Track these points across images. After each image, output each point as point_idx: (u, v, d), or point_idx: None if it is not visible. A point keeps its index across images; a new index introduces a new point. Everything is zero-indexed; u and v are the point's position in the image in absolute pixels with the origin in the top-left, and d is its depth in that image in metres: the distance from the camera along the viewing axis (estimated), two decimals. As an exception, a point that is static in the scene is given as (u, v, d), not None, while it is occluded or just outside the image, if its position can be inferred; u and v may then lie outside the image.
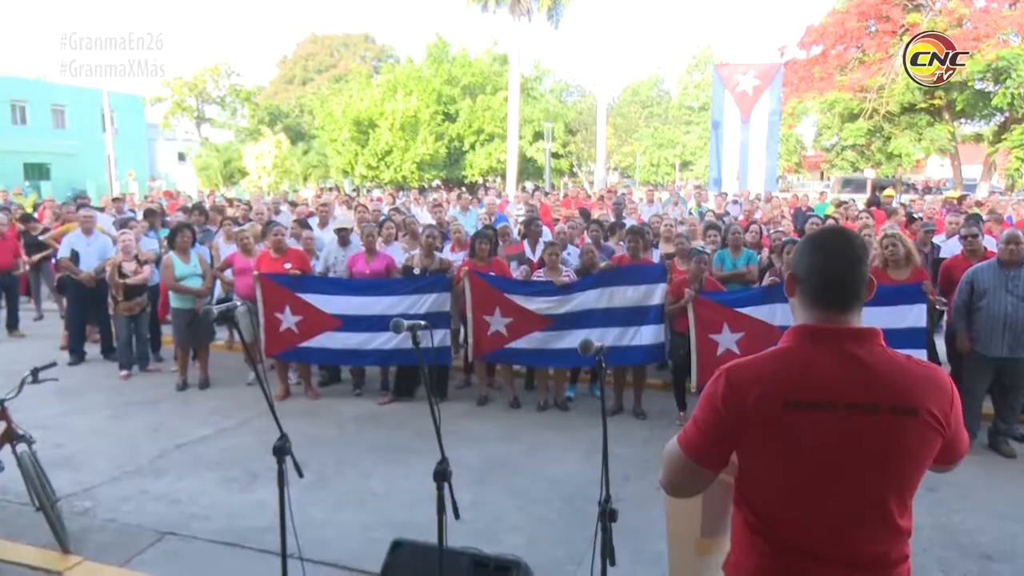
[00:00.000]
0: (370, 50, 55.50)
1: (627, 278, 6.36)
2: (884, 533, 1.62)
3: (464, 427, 6.33)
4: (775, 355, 1.68)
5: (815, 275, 1.70)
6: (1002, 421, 5.78)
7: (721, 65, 25.59)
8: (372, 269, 7.01)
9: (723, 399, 1.64)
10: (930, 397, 1.59)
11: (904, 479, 1.62)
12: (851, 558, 1.61)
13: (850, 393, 1.58)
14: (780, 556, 1.65)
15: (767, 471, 1.65)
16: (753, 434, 1.63)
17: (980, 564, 4.05)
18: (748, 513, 1.71)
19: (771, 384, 1.61)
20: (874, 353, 1.63)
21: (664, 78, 44.71)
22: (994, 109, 26.55)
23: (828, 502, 1.61)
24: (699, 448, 1.70)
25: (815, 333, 1.67)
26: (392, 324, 2.58)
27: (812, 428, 1.58)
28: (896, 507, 1.61)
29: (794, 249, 1.80)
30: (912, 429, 1.58)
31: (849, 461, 1.58)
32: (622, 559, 3.53)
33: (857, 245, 1.71)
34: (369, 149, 30.34)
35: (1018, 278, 5.51)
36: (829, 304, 1.67)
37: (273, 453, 3.05)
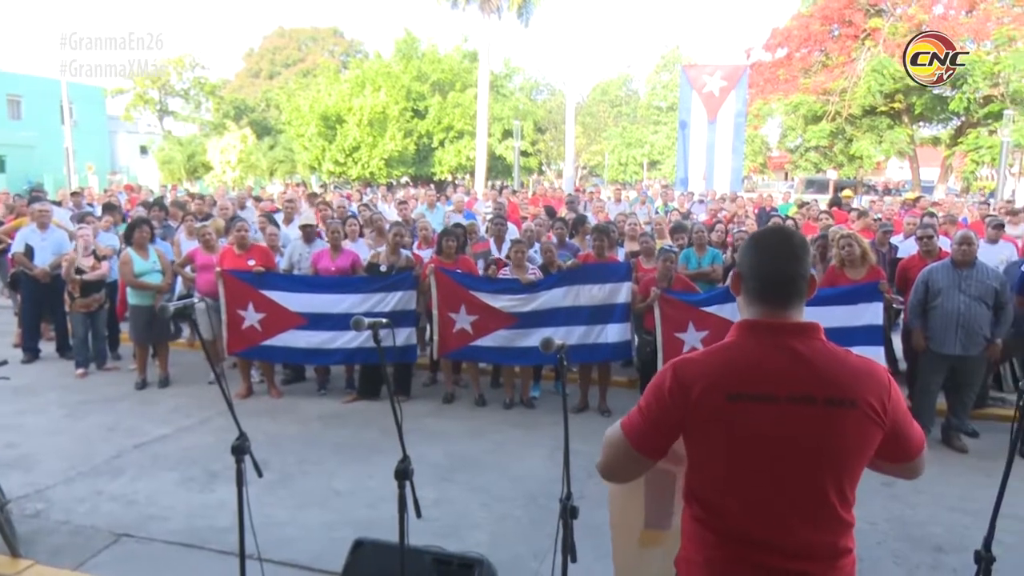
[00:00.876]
0: (339, 45, 54.96)
1: (592, 276, 6.40)
2: (827, 524, 1.65)
3: (429, 425, 6.31)
4: (720, 349, 1.72)
5: (757, 273, 1.74)
6: (954, 417, 5.94)
7: (689, 66, 25.88)
8: (337, 266, 6.95)
9: (669, 391, 1.67)
10: (867, 389, 1.63)
11: (843, 471, 1.64)
12: (796, 548, 1.64)
13: (790, 386, 1.62)
14: (727, 547, 1.68)
15: (712, 463, 1.69)
16: (698, 426, 1.66)
17: (932, 556, 4.16)
18: (696, 506, 1.74)
19: (715, 377, 1.65)
20: (813, 347, 1.67)
21: (633, 78, 45.19)
22: (951, 113, 27.28)
23: (771, 493, 1.64)
24: (642, 436, 1.73)
25: (757, 328, 1.71)
26: (353, 322, 2.56)
27: (754, 420, 1.62)
28: (837, 498, 1.65)
29: (739, 248, 1.83)
30: (849, 420, 1.61)
31: (789, 452, 1.62)
32: (584, 555, 3.55)
33: (796, 244, 1.75)
34: (337, 145, 30.06)
35: (971, 278, 5.65)
36: (770, 300, 1.72)
37: (232, 452, 3.00)
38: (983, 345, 5.65)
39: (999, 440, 5.85)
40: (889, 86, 26.17)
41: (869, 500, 4.79)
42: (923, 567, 4.04)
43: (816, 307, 5.88)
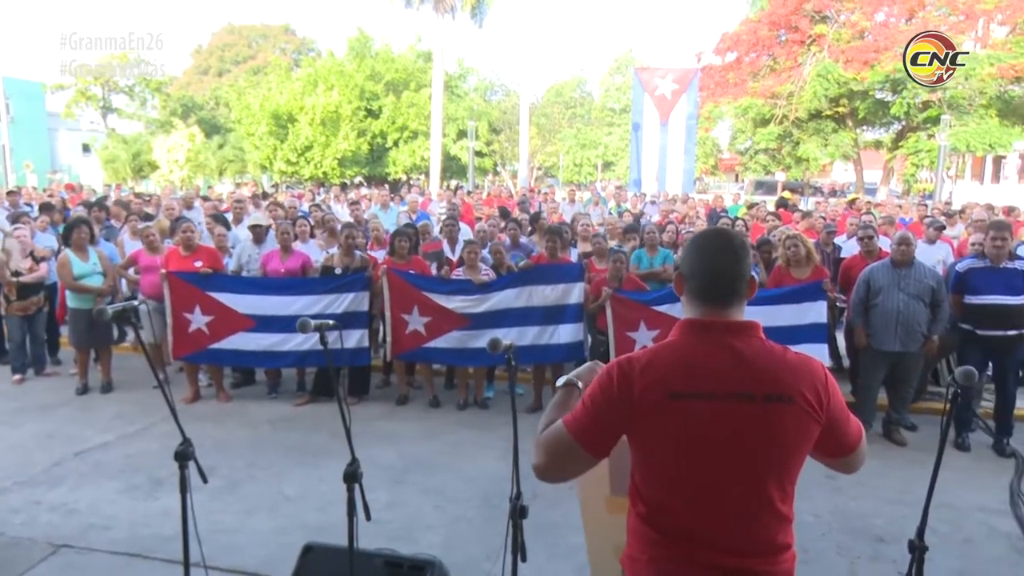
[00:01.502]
0: (290, 42, 54.10)
1: (545, 277, 6.42)
2: (767, 519, 1.68)
3: (382, 427, 6.26)
4: (663, 348, 1.74)
5: (698, 273, 1.77)
6: (894, 411, 6.13)
7: (641, 69, 26.21)
8: (287, 267, 6.83)
9: (616, 389, 1.68)
10: (804, 384, 1.67)
11: (782, 466, 1.68)
12: (737, 545, 1.67)
13: (730, 383, 1.65)
14: (669, 544, 1.70)
15: (656, 461, 1.71)
16: (641, 425, 1.68)
17: (873, 546, 4.29)
18: (640, 504, 1.76)
19: (658, 376, 1.66)
20: (753, 345, 1.70)
21: (587, 80, 45.48)
22: (892, 118, 28.20)
23: (713, 490, 1.66)
24: (586, 431, 1.72)
25: (699, 327, 1.74)
26: (299, 324, 2.52)
27: (696, 418, 1.64)
28: (777, 494, 1.68)
29: (681, 249, 1.86)
30: (787, 416, 1.64)
31: (730, 450, 1.64)
32: (537, 554, 3.57)
33: (736, 245, 1.78)
34: (288, 144, 29.57)
35: (909, 277, 5.84)
36: (711, 300, 1.74)
37: (175, 458, 2.93)
38: (921, 342, 5.84)
39: (937, 433, 6.06)
40: (834, 91, 26.92)
41: (813, 493, 4.93)
42: (864, 558, 4.16)
43: (764, 306, 6.03)
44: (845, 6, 27.24)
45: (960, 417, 6.01)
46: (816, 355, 6.21)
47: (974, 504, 4.88)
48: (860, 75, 26.00)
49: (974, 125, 25.34)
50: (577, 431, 1.73)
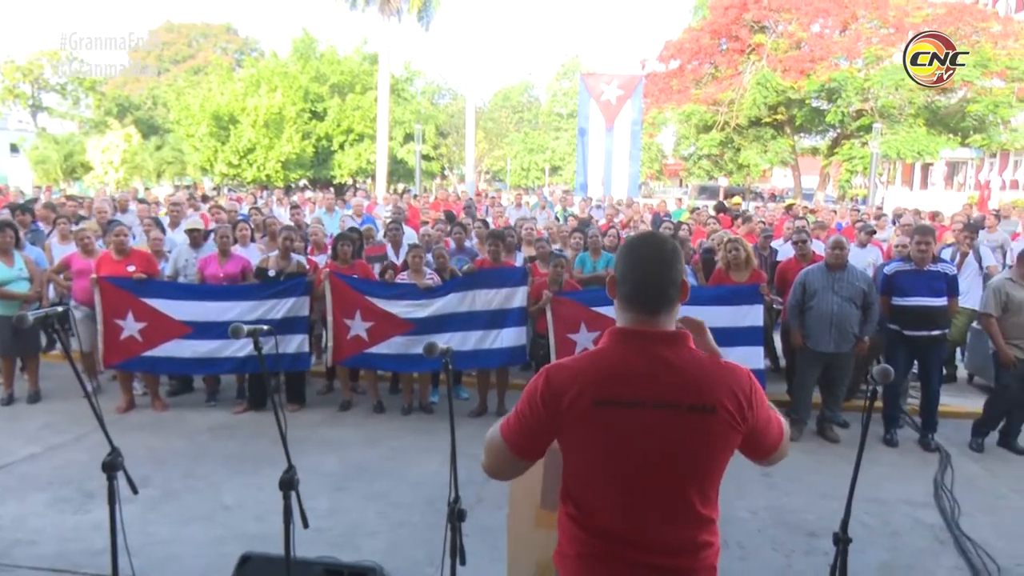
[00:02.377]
0: (232, 42, 52.94)
1: (489, 281, 6.43)
2: (688, 521, 1.73)
3: (325, 433, 6.18)
4: (591, 356, 1.76)
5: (628, 279, 1.78)
6: (828, 409, 6.33)
7: (587, 75, 26.50)
8: (226, 272, 6.67)
9: (541, 396, 1.71)
10: (727, 395, 1.69)
11: (703, 473, 1.72)
12: (659, 545, 1.72)
13: (655, 393, 1.67)
14: (596, 543, 1.74)
15: (583, 465, 1.75)
16: (569, 431, 1.71)
17: (806, 541, 4.42)
18: (570, 505, 1.80)
19: (585, 384, 1.68)
20: (680, 355, 1.71)
21: (534, 84, 45.82)
22: (828, 125, 29.18)
23: (636, 494, 1.71)
24: (517, 438, 1.77)
25: (628, 336, 1.75)
26: (231, 330, 2.46)
27: (621, 425, 1.67)
28: (698, 498, 1.72)
29: (615, 255, 1.89)
30: (709, 426, 1.68)
31: (654, 456, 1.68)
32: (480, 557, 3.57)
33: (667, 251, 1.79)
34: (230, 146, 28.92)
35: (842, 280, 6.04)
36: (641, 307, 1.75)
37: (102, 469, 2.84)
38: (853, 342, 6.05)
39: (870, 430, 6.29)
40: (772, 99, 27.72)
41: (749, 490, 5.06)
42: (798, 552, 4.29)
43: (702, 307, 6.16)
44: (783, 17, 28.08)
45: (888, 414, 6.26)
46: (753, 356, 6.42)
47: (900, 497, 5.08)
48: (797, 84, 26.86)
49: (904, 134, 26.40)
50: (509, 437, 1.78)
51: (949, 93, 26.66)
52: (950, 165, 38.20)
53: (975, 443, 6.09)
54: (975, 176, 34.56)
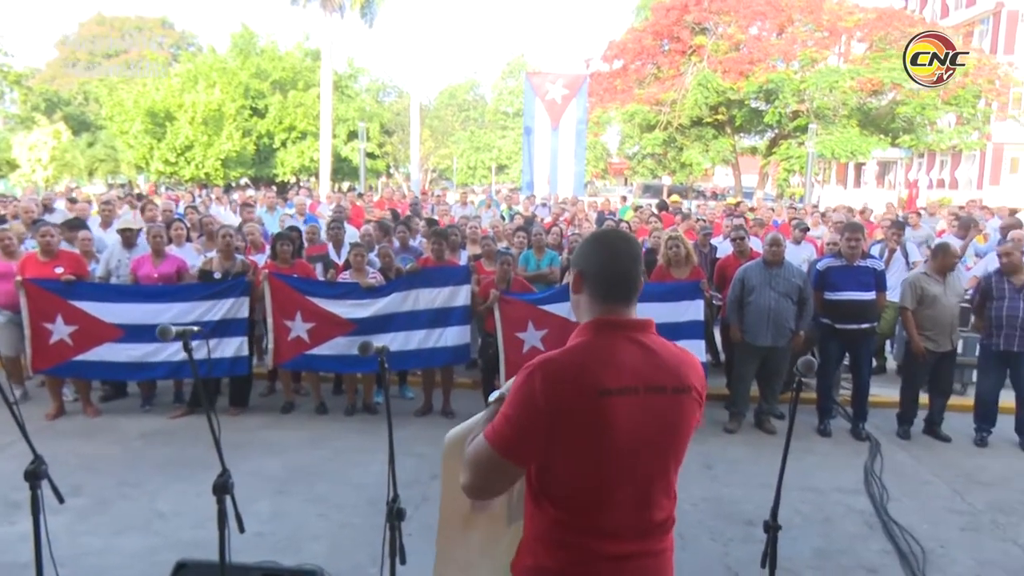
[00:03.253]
0: (167, 36, 51.38)
1: (432, 280, 6.40)
2: (664, 500, 1.80)
3: (267, 436, 6.07)
4: (580, 348, 1.76)
5: (604, 273, 1.82)
6: (765, 402, 6.52)
7: (532, 73, 26.60)
8: (161, 273, 6.47)
9: (541, 392, 1.66)
10: (694, 376, 1.81)
11: (679, 451, 1.82)
12: (640, 528, 1.76)
13: (646, 377, 1.73)
14: (581, 543, 1.73)
15: (581, 459, 1.70)
16: (569, 425, 1.67)
17: (743, 529, 4.54)
18: (551, 509, 1.74)
19: (584, 374, 1.68)
20: (654, 341, 1.80)
21: (480, 83, 45.73)
22: (766, 125, 29.95)
23: (631, 480, 1.74)
24: (510, 443, 1.69)
25: (609, 326, 1.79)
26: (159, 331, 2.39)
27: (621, 412, 1.69)
28: (674, 476, 1.82)
29: (578, 249, 1.91)
30: (686, 406, 1.78)
31: (648, 439, 1.73)
32: (423, 556, 3.56)
33: (635, 245, 1.90)
34: (167, 143, 28.07)
35: (779, 276, 6.22)
36: (616, 299, 1.81)
37: (25, 478, 2.73)
38: (789, 336, 6.24)
39: (803, 421, 6.50)
40: (713, 99, 28.32)
41: (690, 482, 5.17)
42: (735, 540, 4.40)
43: (645, 303, 6.24)
44: (722, 19, 28.71)
45: (822, 405, 6.47)
46: (693, 350, 6.52)
47: (833, 485, 5.26)
48: (736, 85, 27.50)
49: (838, 134, 27.29)
50: (498, 442, 1.69)
51: (880, 95, 27.69)
52: (881, 165, 39.70)
53: (902, 431, 6.35)
54: (905, 175, 36.00)
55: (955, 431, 6.32)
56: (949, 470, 5.63)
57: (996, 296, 6.02)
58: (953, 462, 5.80)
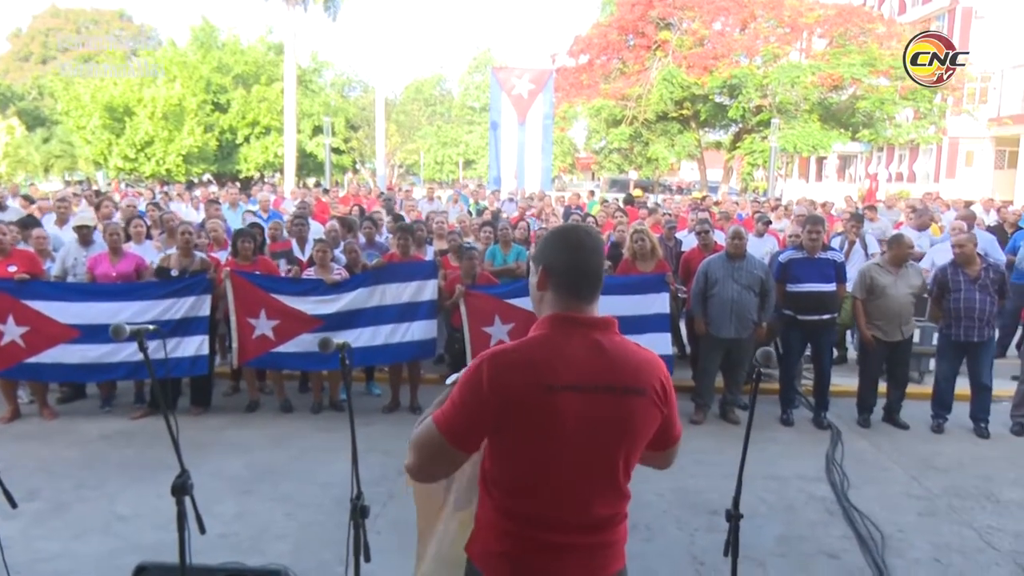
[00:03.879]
0: (126, 29, 50.17)
1: (398, 275, 6.35)
2: (612, 498, 1.81)
3: (231, 436, 5.98)
4: (533, 342, 1.78)
5: (570, 269, 1.82)
6: (729, 393, 6.60)
7: (498, 68, 26.58)
8: (119, 271, 6.33)
9: (488, 382, 1.69)
10: (653, 378, 1.81)
11: (631, 451, 1.81)
12: (588, 522, 1.78)
13: (596, 376, 1.74)
14: (525, 532, 1.77)
15: (525, 452, 1.75)
16: (515, 417, 1.71)
17: (707, 519, 4.60)
18: (499, 496, 1.79)
19: (534, 369, 1.71)
20: (613, 341, 1.80)
21: (446, 78, 45.59)
22: (730, 120, 30.29)
23: (576, 475, 1.75)
24: (457, 430, 1.74)
25: (567, 321, 1.80)
26: (112, 330, 2.33)
27: (568, 409, 1.70)
28: (623, 475, 1.81)
29: (541, 243, 1.91)
30: (641, 407, 1.78)
31: (594, 437, 1.74)
32: (391, 553, 3.54)
33: (598, 240, 1.90)
34: (126, 139, 27.47)
35: (742, 269, 6.30)
36: (578, 294, 1.82)
37: (-26, 484, 2.65)
38: (752, 328, 6.33)
39: (767, 411, 6.61)
40: (678, 94, 28.54)
41: (656, 475, 5.15)
42: (701, 530, 4.46)
43: (610, 296, 6.29)
44: (686, 14, 28.95)
45: (784, 396, 6.58)
46: (660, 343, 6.60)
47: (796, 473, 5.36)
48: (701, 80, 27.75)
49: (800, 128, 27.72)
50: (446, 427, 1.74)
51: (840, 90, 28.18)
52: (842, 159, 40.47)
53: (862, 419, 6.48)
54: (865, 169, 36.74)
55: (913, 418, 6.47)
56: (907, 457, 5.76)
57: (953, 288, 6.15)
58: (911, 449, 5.94)
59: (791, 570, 4.04)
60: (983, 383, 6.22)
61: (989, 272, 6.16)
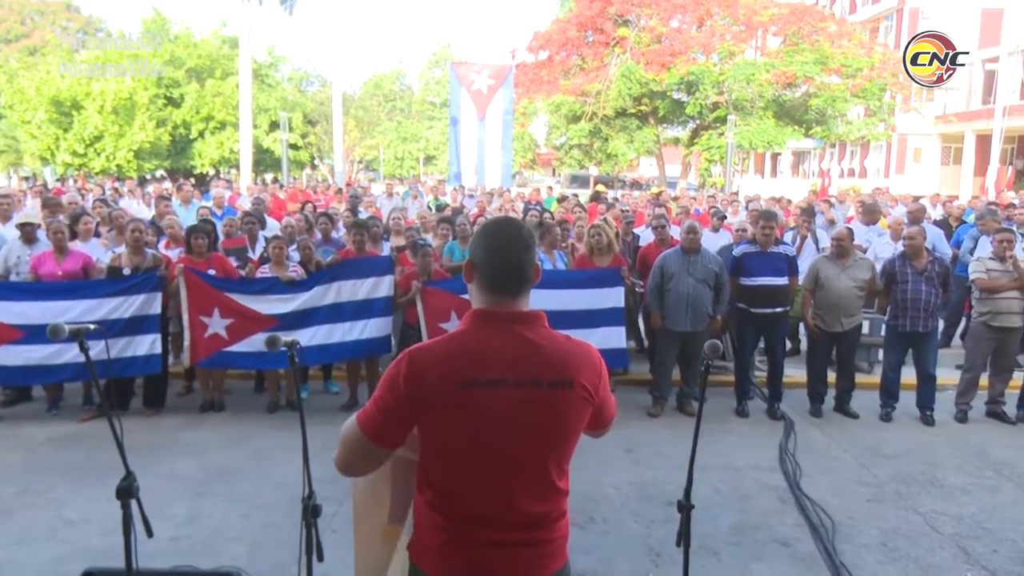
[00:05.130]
0: (73, 21, 48.63)
1: (354, 272, 6.29)
2: (545, 494, 1.79)
3: (184, 437, 5.86)
4: (453, 338, 1.78)
5: (491, 262, 1.81)
6: (686, 385, 6.69)
7: (457, 64, 26.50)
8: (65, 270, 6.13)
9: (404, 379, 1.69)
10: (583, 372, 1.79)
11: (562, 447, 1.80)
12: (517, 520, 1.76)
13: (518, 371, 1.72)
14: (456, 528, 1.76)
15: (447, 448, 1.75)
16: (433, 413, 1.71)
17: (664, 510, 4.65)
18: (429, 492, 1.79)
19: (449, 365, 1.70)
20: (539, 334, 1.78)
21: (406, 73, 45.23)
22: (688, 116, 30.64)
23: (499, 472, 1.74)
24: (376, 426, 1.74)
25: (489, 317, 1.79)
26: (49, 330, 2.24)
27: (486, 405, 1.69)
28: (555, 471, 1.79)
29: (471, 239, 1.90)
30: (568, 401, 1.76)
31: (518, 434, 1.73)
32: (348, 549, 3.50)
33: (525, 234, 1.85)
34: (74, 134, 26.67)
35: (697, 263, 6.38)
36: (501, 289, 1.80)
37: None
38: (707, 321, 6.42)
39: (723, 404, 6.72)
40: (636, 90, 28.77)
41: (614, 467, 5.28)
42: (657, 521, 4.51)
43: (566, 289, 6.33)
44: (644, 12, 29.18)
45: (739, 387, 6.70)
46: (615, 336, 6.63)
47: (750, 464, 5.46)
48: (659, 76, 28.02)
49: (755, 125, 28.19)
50: (368, 426, 1.74)
51: (793, 88, 28.73)
52: (796, 155, 41.30)
53: (814, 409, 6.63)
54: (818, 164, 37.53)
55: (863, 408, 6.64)
56: (857, 445, 5.92)
57: (900, 280, 6.33)
58: (861, 437, 6.10)
59: (744, 558, 4.11)
60: (928, 372, 6.42)
61: (935, 265, 6.35)
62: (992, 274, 6.35)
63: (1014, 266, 6.25)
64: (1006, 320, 6.34)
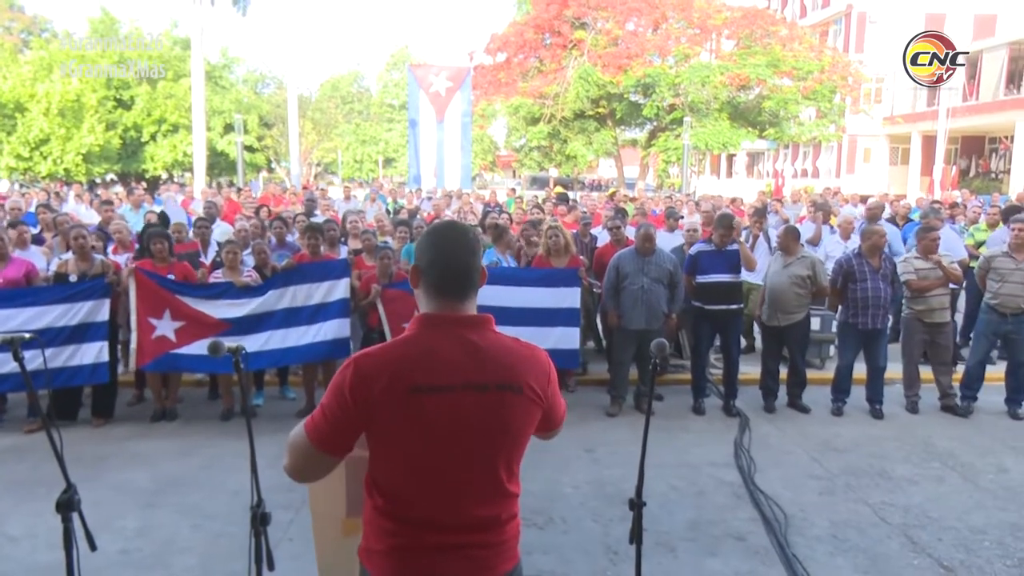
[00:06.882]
0: (17, 20, 47.08)
1: (309, 276, 6.21)
2: (494, 498, 1.79)
3: (134, 447, 5.72)
4: (400, 343, 1.77)
5: (436, 266, 1.80)
6: (643, 384, 6.75)
7: (415, 66, 26.36)
8: (7, 278, 5.92)
9: (349, 387, 1.68)
10: (531, 374, 1.79)
11: (511, 450, 1.80)
12: (466, 523, 1.76)
13: (465, 375, 1.72)
14: (404, 533, 1.75)
15: (394, 453, 1.74)
16: (380, 420, 1.70)
17: (622, 509, 4.61)
18: (378, 497, 1.78)
19: (396, 371, 1.69)
20: (487, 338, 1.78)
21: (364, 75, 44.86)
22: (645, 118, 31.00)
23: (448, 476, 1.74)
24: (323, 435, 1.73)
25: (436, 321, 1.78)
26: (-19, 339, 2.17)
27: (434, 410, 1.69)
28: (505, 474, 1.79)
29: (416, 242, 1.89)
30: (516, 404, 1.76)
31: (466, 437, 1.72)
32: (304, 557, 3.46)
33: (471, 238, 1.86)
34: (18, 137, 25.82)
35: (652, 263, 6.46)
36: (448, 293, 1.79)
37: None
38: (663, 319, 6.49)
39: (680, 401, 6.81)
40: (594, 92, 28.99)
41: (573, 467, 5.30)
42: (615, 520, 4.54)
43: (524, 288, 6.35)
44: (600, 14, 29.43)
45: (696, 385, 6.79)
46: (570, 336, 6.67)
47: (706, 460, 5.54)
48: (616, 79, 28.27)
49: (710, 127, 28.63)
50: (315, 434, 1.73)
51: (747, 90, 29.27)
52: (751, 156, 42.13)
53: (767, 405, 6.76)
54: (772, 165, 38.33)
55: (815, 403, 6.78)
56: (809, 439, 6.04)
57: (859, 278, 6.45)
58: (813, 432, 6.23)
59: (700, 554, 4.17)
60: (879, 366, 6.58)
61: (887, 263, 6.54)
62: (920, 273, 6.54)
63: (938, 265, 6.45)
64: (938, 316, 6.59)
